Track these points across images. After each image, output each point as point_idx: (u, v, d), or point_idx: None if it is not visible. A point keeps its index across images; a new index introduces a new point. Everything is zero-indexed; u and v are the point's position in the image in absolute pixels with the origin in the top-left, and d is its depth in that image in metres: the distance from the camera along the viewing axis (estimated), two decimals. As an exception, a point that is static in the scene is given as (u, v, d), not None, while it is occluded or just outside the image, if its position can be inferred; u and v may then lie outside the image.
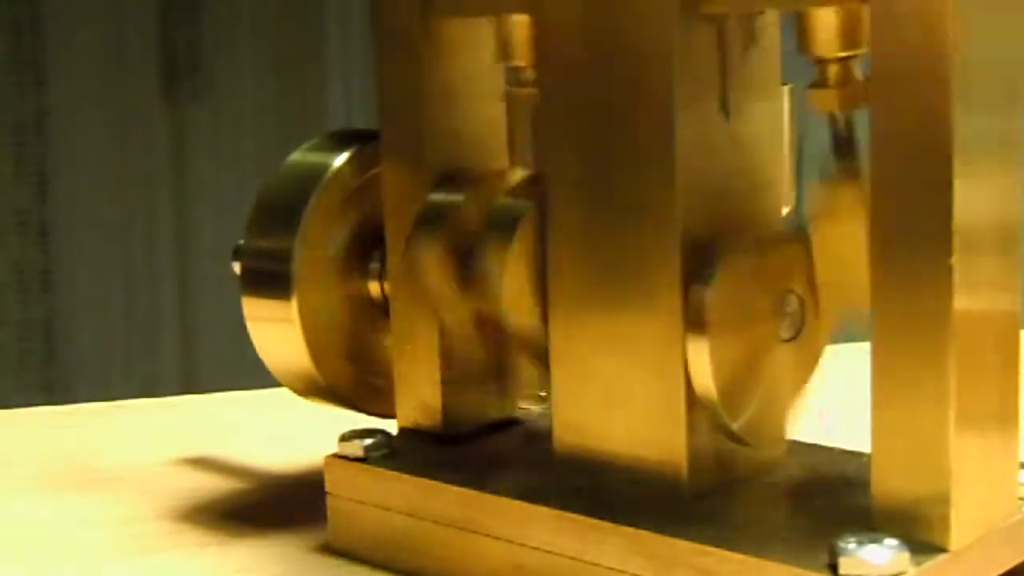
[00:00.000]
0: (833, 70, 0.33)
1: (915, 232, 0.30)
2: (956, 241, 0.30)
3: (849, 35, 0.32)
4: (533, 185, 0.39)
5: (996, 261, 0.31)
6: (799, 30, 0.33)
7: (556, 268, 0.37)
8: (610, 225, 0.35)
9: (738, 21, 0.34)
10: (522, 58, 0.40)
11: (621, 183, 0.35)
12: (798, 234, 0.35)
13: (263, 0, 1.12)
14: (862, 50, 0.33)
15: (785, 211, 0.37)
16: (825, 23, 0.32)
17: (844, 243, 0.34)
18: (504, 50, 0.40)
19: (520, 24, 0.39)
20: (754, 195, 0.36)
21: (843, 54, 0.33)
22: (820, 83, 0.33)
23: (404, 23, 0.41)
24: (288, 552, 0.41)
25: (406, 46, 0.41)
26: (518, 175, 0.41)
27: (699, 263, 0.33)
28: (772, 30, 0.36)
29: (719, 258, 0.33)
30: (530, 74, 0.40)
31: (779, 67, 0.36)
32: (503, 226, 0.38)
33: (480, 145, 0.42)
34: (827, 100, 0.33)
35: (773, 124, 0.36)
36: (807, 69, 0.34)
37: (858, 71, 0.33)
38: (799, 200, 0.38)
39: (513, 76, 0.41)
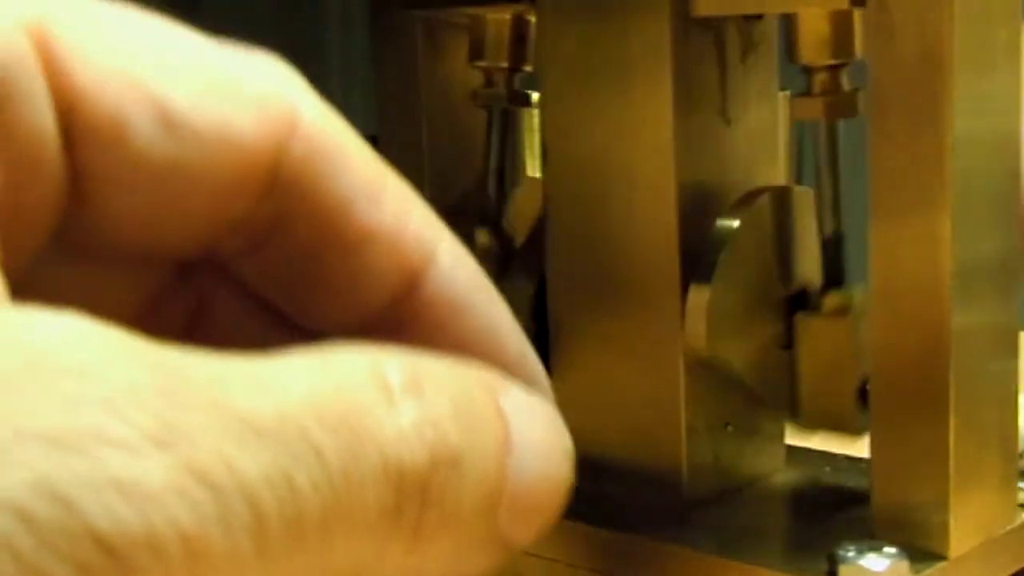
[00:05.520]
0: (820, 78, 0.33)
1: (914, 234, 0.30)
2: (956, 246, 0.29)
3: (838, 43, 0.32)
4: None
5: (996, 264, 0.31)
6: (788, 37, 0.33)
7: (556, 272, 0.36)
8: (610, 229, 0.35)
9: (736, 28, 0.34)
10: (495, 58, 0.40)
11: (620, 186, 0.35)
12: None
13: (263, -1, 1.12)
14: (851, 59, 0.33)
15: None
16: (814, 30, 0.32)
17: (832, 373, 0.34)
18: (478, 50, 0.40)
19: (495, 23, 0.39)
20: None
21: (831, 62, 0.32)
22: (806, 91, 0.33)
23: (403, 25, 0.41)
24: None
25: (405, 48, 0.41)
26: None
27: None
28: (769, 37, 0.36)
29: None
30: (500, 76, 0.40)
31: (777, 74, 0.36)
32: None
33: (480, 148, 0.42)
34: (812, 108, 0.33)
35: (771, 130, 0.36)
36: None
37: (846, 81, 0.33)
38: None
39: (485, 77, 0.41)
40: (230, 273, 0.20)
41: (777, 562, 0.31)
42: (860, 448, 0.34)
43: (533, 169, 0.43)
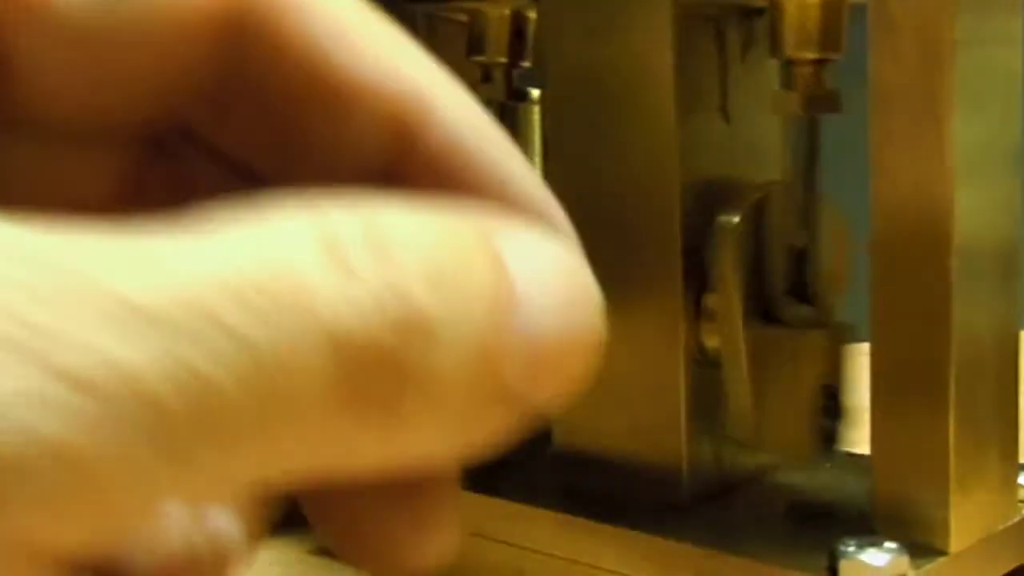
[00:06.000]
0: (801, 72, 0.33)
1: (915, 233, 0.30)
2: (956, 242, 0.30)
3: (823, 37, 0.32)
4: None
5: (996, 264, 0.31)
6: (770, 31, 0.33)
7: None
8: (611, 228, 0.35)
9: (736, 25, 0.34)
10: (493, 54, 0.40)
11: (621, 184, 0.35)
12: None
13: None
14: (836, 54, 0.32)
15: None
16: (799, 23, 0.32)
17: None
18: (476, 45, 0.40)
19: (494, 19, 0.39)
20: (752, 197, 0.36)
21: (814, 56, 0.32)
22: (785, 85, 0.33)
23: (403, 20, 0.41)
24: (285, 555, 0.41)
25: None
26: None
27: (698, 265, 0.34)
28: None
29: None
30: (499, 71, 0.40)
31: (777, 71, 0.36)
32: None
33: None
34: (791, 103, 0.33)
35: (771, 128, 0.36)
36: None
37: (828, 78, 0.33)
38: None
39: (483, 72, 0.41)
40: (208, 142, 0.19)
41: (778, 558, 0.31)
42: (861, 445, 0.34)
43: (532, 166, 0.43)
